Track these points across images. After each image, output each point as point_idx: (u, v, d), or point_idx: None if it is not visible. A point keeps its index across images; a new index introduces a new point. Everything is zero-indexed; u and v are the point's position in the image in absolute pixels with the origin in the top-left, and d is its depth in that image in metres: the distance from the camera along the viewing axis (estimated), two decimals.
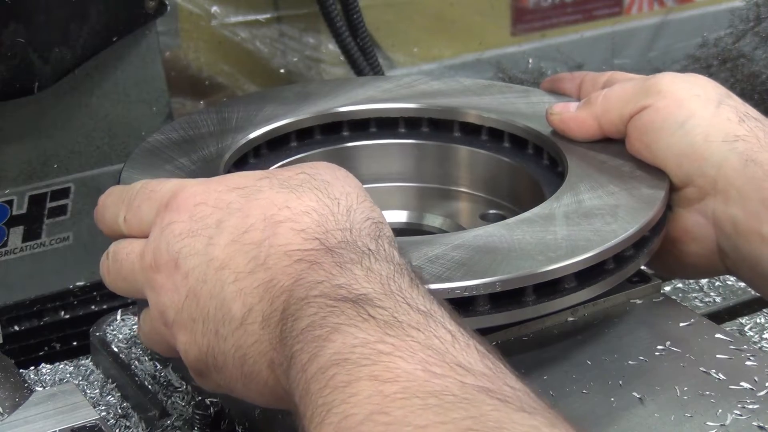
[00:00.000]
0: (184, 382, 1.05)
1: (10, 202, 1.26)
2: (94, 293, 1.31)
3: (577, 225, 0.95)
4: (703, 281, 1.28)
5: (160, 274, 0.80)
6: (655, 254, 1.00)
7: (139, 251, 0.83)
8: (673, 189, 1.02)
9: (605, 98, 1.07)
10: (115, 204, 0.88)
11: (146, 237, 0.83)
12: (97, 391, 1.09)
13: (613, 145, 1.08)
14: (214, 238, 0.78)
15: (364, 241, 0.77)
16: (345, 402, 0.65)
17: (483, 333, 0.93)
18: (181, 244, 0.79)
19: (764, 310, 1.23)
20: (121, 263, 0.85)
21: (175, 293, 0.79)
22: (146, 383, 1.06)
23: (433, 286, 0.86)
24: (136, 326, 1.13)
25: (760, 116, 1.03)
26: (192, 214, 0.80)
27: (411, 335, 0.68)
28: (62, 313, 1.30)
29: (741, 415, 0.86)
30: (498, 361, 0.70)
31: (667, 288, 1.26)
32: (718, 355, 0.93)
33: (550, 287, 0.91)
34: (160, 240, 0.80)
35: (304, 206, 0.78)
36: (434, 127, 1.21)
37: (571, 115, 1.09)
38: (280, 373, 0.74)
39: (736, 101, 1.04)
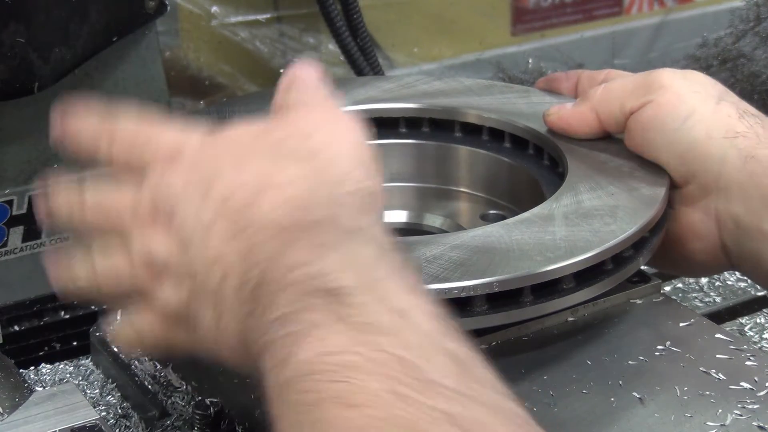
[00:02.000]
0: (184, 382, 1.05)
1: (10, 202, 1.26)
2: None
3: (576, 225, 0.95)
4: (703, 281, 1.28)
5: (157, 222, 0.79)
6: (659, 253, 1.00)
7: (132, 198, 0.81)
8: (674, 186, 1.02)
9: (605, 91, 1.06)
10: (97, 131, 0.85)
11: (130, 181, 0.82)
12: (97, 391, 1.09)
13: (613, 146, 1.08)
14: (205, 198, 0.77)
15: (348, 219, 0.75)
16: (312, 427, 0.65)
17: (482, 333, 0.93)
18: (177, 198, 0.78)
19: (764, 310, 1.23)
20: (108, 208, 0.82)
21: (169, 242, 0.78)
22: (146, 383, 1.06)
23: (431, 287, 0.86)
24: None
25: (758, 113, 1.03)
26: (189, 171, 0.79)
27: (381, 345, 0.67)
28: (62, 313, 1.30)
29: (741, 415, 0.86)
30: (474, 366, 0.69)
31: (667, 288, 1.26)
32: (718, 355, 0.93)
33: (549, 288, 0.91)
34: (158, 191, 0.79)
35: (291, 174, 0.76)
36: (434, 127, 1.21)
37: (570, 111, 1.09)
38: (251, 344, 0.74)
39: (734, 98, 1.04)
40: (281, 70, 1.53)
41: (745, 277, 1.28)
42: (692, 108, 1.01)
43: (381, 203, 0.80)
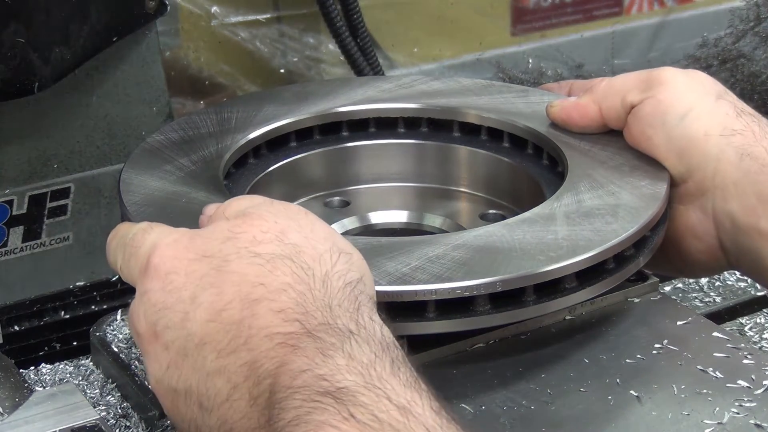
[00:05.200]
0: None
1: (10, 202, 1.26)
2: (94, 293, 1.31)
3: (577, 225, 0.95)
4: (703, 281, 1.28)
5: (144, 342, 0.80)
6: (658, 254, 1.00)
7: (129, 311, 0.82)
8: (673, 184, 1.03)
9: (608, 85, 1.07)
10: (117, 248, 0.86)
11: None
12: (97, 391, 1.09)
13: (612, 145, 1.08)
14: (190, 313, 0.77)
15: (344, 320, 0.75)
16: None
17: (481, 332, 0.93)
18: (157, 315, 0.79)
19: (764, 310, 1.23)
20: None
21: (156, 362, 0.79)
22: (146, 383, 1.06)
23: (433, 286, 0.87)
24: None
25: (755, 113, 1.03)
26: (164, 284, 0.79)
27: None
28: (62, 313, 1.30)
29: (738, 413, 0.86)
30: None
31: (667, 288, 1.26)
32: (715, 354, 0.93)
33: (551, 287, 0.92)
34: (140, 307, 0.80)
35: (279, 282, 0.76)
36: (434, 127, 1.21)
37: (572, 103, 1.10)
38: None
39: (733, 97, 1.04)
40: (281, 70, 1.53)
41: (745, 277, 1.27)
42: (690, 105, 1.02)
43: (370, 281, 0.81)
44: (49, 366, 1.15)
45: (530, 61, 1.69)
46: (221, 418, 0.76)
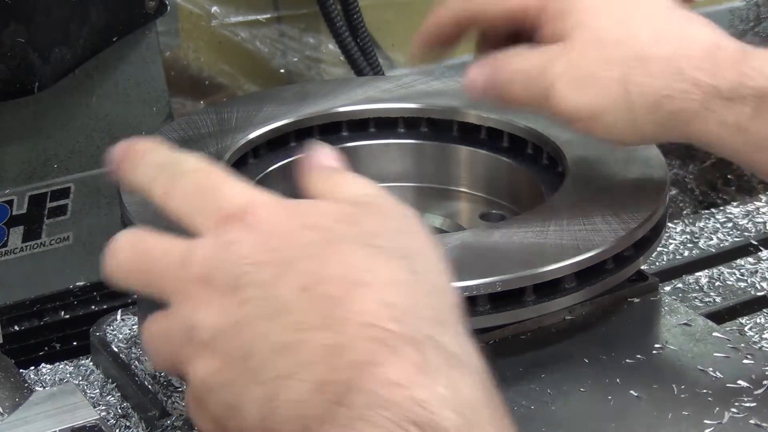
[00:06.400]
0: (184, 382, 1.05)
1: (10, 202, 1.26)
2: (94, 293, 1.31)
3: (577, 225, 0.95)
4: (703, 281, 1.28)
5: (208, 290, 0.69)
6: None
7: (181, 254, 0.71)
8: None
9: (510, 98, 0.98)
10: (155, 168, 0.75)
11: (187, 233, 0.72)
12: (97, 391, 1.09)
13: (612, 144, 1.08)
14: (283, 276, 0.68)
15: (451, 340, 0.67)
16: None
17: (480, 332, 0.93)
18: (244, 268, 0.69)
19: (764, 310, 1.23)
20: (151, 259, 0.73)
21: (220, 315, 0.68)
22: (146, 383, 1.06)
23: None
24: (136, 326, 1.14)
25: (669, 82, 0.92)
26: (262, 239, 0.69)
27: None
28: (62, 313, 1.30)
29: (738, 413, 0.86)
30: None
31: (667, 288, 1.26)
32: (715, 354, 0.93)
33: (551, 287, 0.92)
34: (220, 255, 0.70)
35: (389, 275, 0.68)
36: (434, 127, 1.21)
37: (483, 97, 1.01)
38: None
39: (641, 77, 0.93)
40: (281, 70, 1.53)
41: (745, 277, 1.28)
42: (617, 130, 0.93)
43: (460, 311, 0.71)
44: (49, 366, 1.15)
45: None
46: (270, 393, 0.66)
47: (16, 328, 1.28)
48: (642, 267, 1.00)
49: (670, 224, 1.36)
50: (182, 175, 0.74)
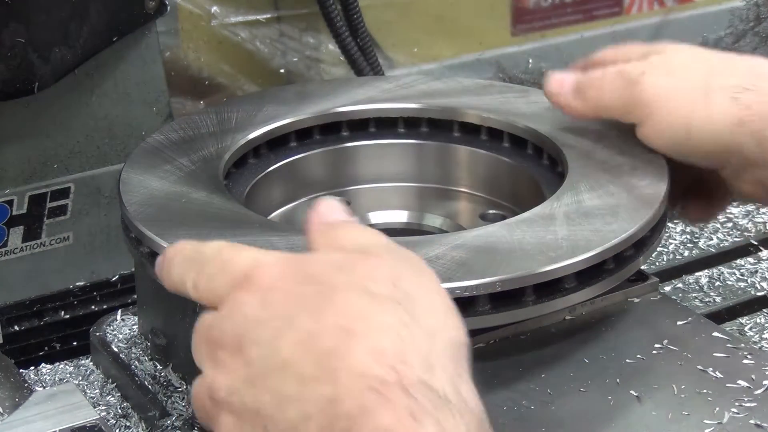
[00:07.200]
0: (184, 383, 1.05)
1: (10, 202, 1.26)
2: (94, 293, 1.32)
3: (577, 225, 0.95)
4: (703, 281, 1.28)
5: (223, 352, 0.75)
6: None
7: (208, 323, 0.77)
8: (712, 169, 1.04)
9: (597, 95, 1.06)
10: (184, 265, 0.81)
11: (215, 307, 0.78)
12: (97, 391, 1.09)
13: (613, 145, 1.08)
14: (281, 332, 0.72)
15: (443, 383, 0.68)
16: None
17: (480, 332, 0.94)
18: (247, 328, 0.73)
19: (764, 310, 1.23)
20: (195, 335, 0.79)
21: (232, 375, 0.73)
22: (146, 383, 1.06)
23: None
24: (136, 326, 1.14)
25: (752, 84, 1.01)
26: (263, 299, 0.74)
27: None
28: (62, 313, 1.30)
29: (738, 413, 0.86)
30: None
31: (667, 288, 1.26)
32: (715, 354, 0.93)
33: (551, 287, 0.92)
34: (229, 318, 0.75)
35: (381, 321, 0.70)
36: (434, 127, 1.21)
37: (567, 102, 1.09)
38: None
39: (723, 74, 1.02)
40: (281, 70, 1.53)
41: (745, 277, 1.28)
42: (687, 120, 1.01)
43: (468, 357, 0.74)
44: (49, 366, 1.15)
45: (530, 61, 1.69)
46: None
47: (16, 328, 1.28)
48: (642, 267, 1.00)
49: (670, 224, 1.37)
50: (204, 263, 0.79)
